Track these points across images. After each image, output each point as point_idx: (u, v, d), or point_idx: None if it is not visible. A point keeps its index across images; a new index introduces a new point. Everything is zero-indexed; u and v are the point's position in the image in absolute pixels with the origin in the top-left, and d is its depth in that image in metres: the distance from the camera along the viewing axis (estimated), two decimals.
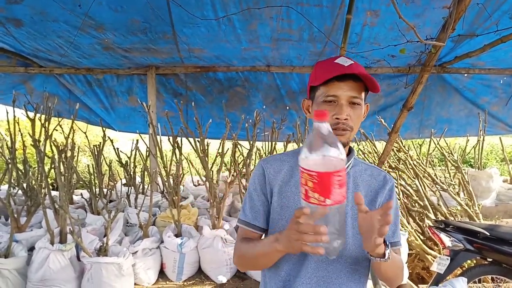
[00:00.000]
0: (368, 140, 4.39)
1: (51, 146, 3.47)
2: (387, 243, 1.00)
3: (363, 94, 1.10)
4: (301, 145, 4.09)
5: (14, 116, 3.58)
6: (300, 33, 3.54)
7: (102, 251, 2.93)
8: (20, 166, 3.89)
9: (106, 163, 4.61)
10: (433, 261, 2.66)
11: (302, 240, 0.85)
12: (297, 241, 0.87)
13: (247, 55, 4.16)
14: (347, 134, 1.10)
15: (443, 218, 3.42)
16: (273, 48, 3.95)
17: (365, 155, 4.46)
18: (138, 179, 4.77)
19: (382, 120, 4.04)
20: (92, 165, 4.28)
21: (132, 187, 4.48)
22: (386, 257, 0.98)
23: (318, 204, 0.83)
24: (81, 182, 4.10)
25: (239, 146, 4.22)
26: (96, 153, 4.23)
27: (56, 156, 3.33)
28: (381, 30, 3.42)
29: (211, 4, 3.05)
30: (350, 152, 1.22)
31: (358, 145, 4.67)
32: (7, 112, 3.75)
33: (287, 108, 5.03)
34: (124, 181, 4.82)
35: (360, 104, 1.10)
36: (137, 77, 4.77)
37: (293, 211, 1.08)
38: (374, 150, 4.42)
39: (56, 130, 3.68)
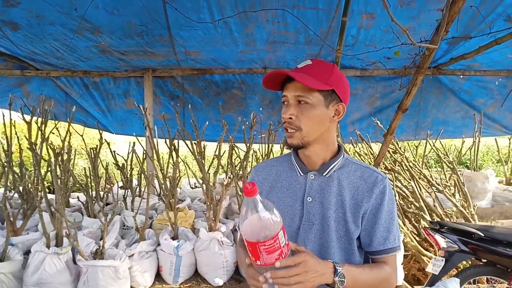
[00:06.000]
0: (364, 141, 4.40)
1: (47, 149, 3.46)
2: (337, 271, 1.00)
3: (315, 93, 1.09)
4: None
5: (11, 119, 3.58)
6: (296, 35, 3.56)
7: (98, 254, 2.92)
8: (17, 169, 3.88)
9: (103, 166, 4.60)
10: (429, 262, 2.67)
11: (249, 282, 1.00)
12: (248, 279, 1.01)
13: (244, 57, 4.17)
14: (295, 134, 1.12)
15: (438, 220, 3.43)
16: (270, 51, 3.97)
17: (361, 156, 4.47)
18: (134, 182, 4.77)
19: (378, 122, 4.05)
20: (89, 168, 4.28)
21: (129, 190, 4.47)
22: (337, 286, 1.00)
23: (252, 261, 0.95)
24: (78, 185, 4.09)
25: (236, 148, 4.22)
26: (92, 156, 4.23)
27: (53, 159, 3.32)
28: (377, 33, 3.44)
29: (207, 7, 3.07)
30: (338, 152, 1.21)
31: (354, 147, 4.68)
32: (4, 115, 3.75)
33: None
34: (120, 183, 4.82)
35: (308, 102, 1.10)
36: (134, 79, 4.78)
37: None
38: (370, 151, 4.43)
39: (53, 133, 3.68)
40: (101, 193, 4.33)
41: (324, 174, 1.18)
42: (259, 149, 4.66)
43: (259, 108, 4.80)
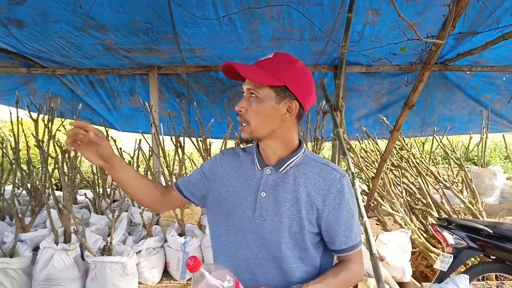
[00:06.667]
0: (370, 138, 4.38)
1: (54, 146, 3.49)
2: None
3: (266, 88, 1.08)
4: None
5: (18, 117, 3.61)
6: (301, 32, 3.55)
7: (106, 250, 2.94)
8: (24, 167, 3.91)
9: None
10: (437, 259, 2.66)
11: None
12: None
13: (249, 54, 4.16)
14: (244, 128, 1.12)
15: (446, 216, 3.42)
16: (275, 48, 3.95)
17: (368, 153, 4.45)
18: None
19: (384, 118, 4.04)
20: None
21: None
22: None
23: None
24: (85, 182, 4.12)
25: (241, 145, 4.23)
26: None
27: (60, 157, 3.35)
28: (383, 29, 3.42)
29: (211, 3, 3.06)
30: (297, 148, 1.19)
31: (360, 144, 4.67)
32: (11, 113, 3.78)
33: None
34: None
35: (258, 97, 1.09)
36: (139, 77, 4.78)
37: (232, 206, 1.18)
38: (377, 148, 4.41)
39: (59, 130, 3.70)
40: (108, 190, 4.35)
41: (280, 170, 1.16)
42: None
43: None
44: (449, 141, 4.59)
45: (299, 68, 1.12)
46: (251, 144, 1.27)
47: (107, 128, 4.39)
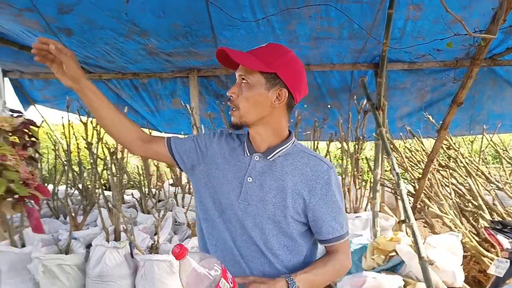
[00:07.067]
0: (415, 137, 4.24)
1: (102, 148, 3.64)
2: (291, 285, 1.05)
3: (256, 74, 1.11)
4: (344, 144, 4.05)
5: (68, 121, 3.80)
6: (340, 30, 3.50)
7: (153, 249, 3.04)
8: (76, 168, 4.12)
9: (154, 164, 4.77)
10: (490, 263, 2.53)
11: None
12: None
13: None
14: (234, 112, 1.15)
15: (499, 219, 3.24)
16: (313, 47, 3.93)
17: (412, 153, 4.31)
18: (184, 180, 4.90)
19: (430, 117, 3.89)
20: (141, 166, 4.45)
21: (179, 187, 4.61)
22: None
23: None
24: (131, 183, 4.28)
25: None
26: None
27: (108, 158, 3.49)
28: (425, 24, 3.31)
29: (249, 6, 3.09)
30: (287, 138, 1.21)
31: (404, 143, 4.53)
32: (62, 117, 3.98)
33: (329, 106, 4.97)
34: (171, 181, 4.96)
35: (248, 82, 1.12)
36: (180, 80, 4.90)
37: (220, 184, 1.20)
38: (422, 148, 4.26)
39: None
40: (153, 190, 4.50)
41: (268, 158, 1.18)
42: None
43: (303, 105, 4.76)
44: (500, 140, 4.36)
45: (291, 57, 1.16)
46: (242, 132, 1.29)
47: (150, 130, 4.53)
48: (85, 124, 3.55)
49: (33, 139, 1.06)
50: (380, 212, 3.70)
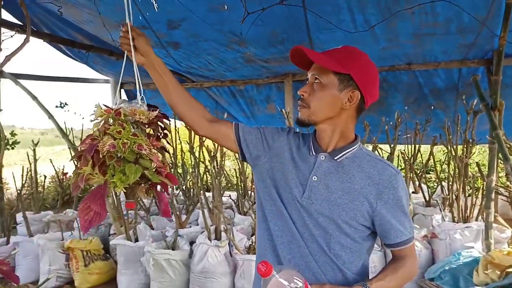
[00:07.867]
0: None
1: (203, 152, 3.88)
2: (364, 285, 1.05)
3: (330, 75, 1.11)
4: (449, 147, 3.71)
5: (175, 126, 4.14)
6: (447, 25, 3.20)
7: (251, 249, 3.14)
8: (180, 170, 4.47)
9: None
10: None
11: None
12: None
13: (385, 54, 3.94)
14: (303, 110, 1.15)
15: None
16: (415, 45, 3.67)
17: None
18: None
19: None
20: (239, 168, 4.64)
21: None
22: None
23: None
24: (229, 185, 4.49)
25: (379, 149, 4.04)
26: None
27: (207, 161, 3.71)
28: None
29: (347, 7, 3.01)
30: (353, 141, 1.19)
31: None
32: (170, 123, 4.36)
33: (432, 107, 4.59)
34: None
35: (320, 82, 1.12)
36: (275, 85, 5.00)
37: (284, 180, 1.19)
38: None
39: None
40: (249, 192, 4.65)
41: (335, 158, 1.16)
42: (405, 149, 4.35)
43: (403, 107, 4.48)
44: None
45: (366, 60, 1.15)
46: (307, 132, 1.30)
47: None
48: (189, 129, 3.82)
49: (165, 131, 1.18)
50: (494, 223, 3.35)
